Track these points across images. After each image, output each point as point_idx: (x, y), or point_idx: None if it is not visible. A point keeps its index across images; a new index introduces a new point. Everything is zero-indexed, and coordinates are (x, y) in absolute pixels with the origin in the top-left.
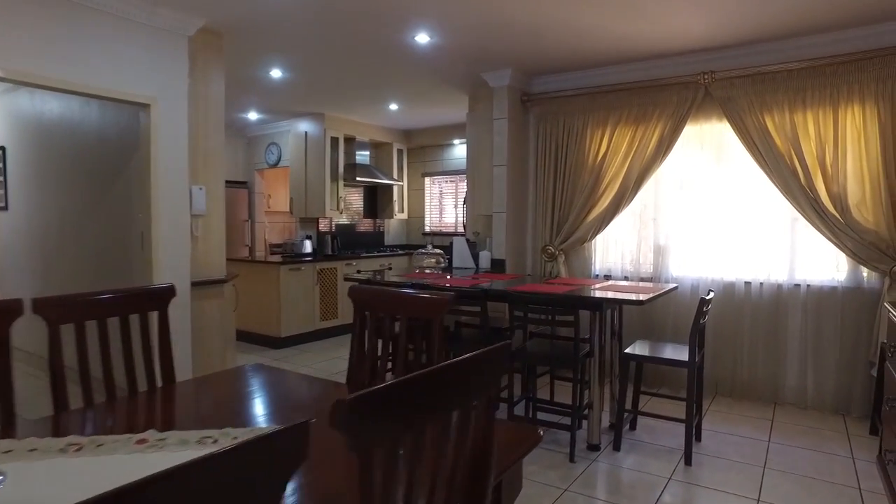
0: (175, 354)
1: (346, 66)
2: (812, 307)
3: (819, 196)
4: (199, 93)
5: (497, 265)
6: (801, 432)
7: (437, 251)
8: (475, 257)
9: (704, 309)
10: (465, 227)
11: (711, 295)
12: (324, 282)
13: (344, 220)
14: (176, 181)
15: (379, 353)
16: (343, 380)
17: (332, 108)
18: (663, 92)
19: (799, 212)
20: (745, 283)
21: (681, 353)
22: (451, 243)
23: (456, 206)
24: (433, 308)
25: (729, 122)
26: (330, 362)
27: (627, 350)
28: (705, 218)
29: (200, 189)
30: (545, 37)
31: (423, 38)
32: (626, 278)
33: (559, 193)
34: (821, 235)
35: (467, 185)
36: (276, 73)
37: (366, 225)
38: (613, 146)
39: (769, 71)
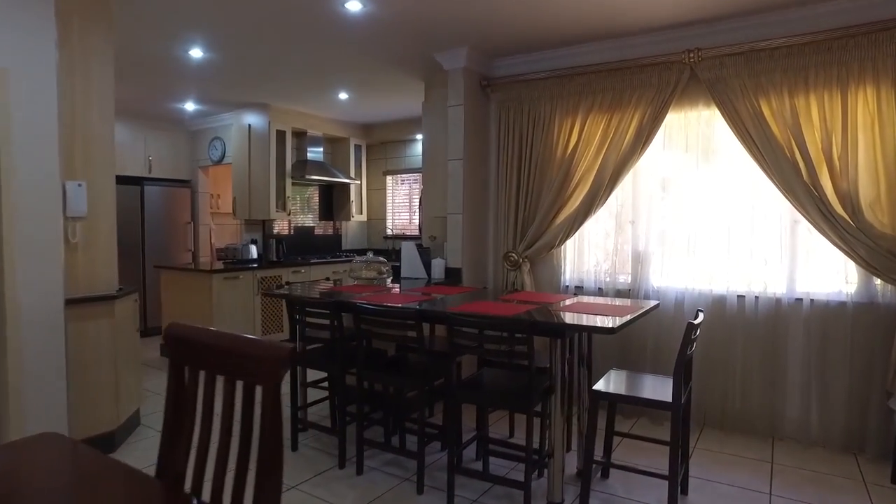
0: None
1: (277, 46)
2: (816, 325)
3: (825, 194)
4: (77, 68)
5: (452, 275)
6: (809, 479)
7: (379, 259)
8: (427, 266)
9: (693, 336)
10: (420, 230)
11: (700, 318)
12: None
13: (305, 222)
14: (41, 175)
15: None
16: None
17: (277, 97)
18: (642, 74)
19: (801, 213)
20: (738, 296)
21: (663, 389)
22: (401, 249)
23: (419, 208)
24: (263, 368)
25: (718, 108)
26: None
27: (598, 385)
28: (691, 220)
29: (79, 186)
30: (502, 7)
31: (354, 6)
32: (600, 290)
33: (524, 191)
34: (827, 241)
35: (423, 183)
36: (196, 53)
37: (324, 228)
38: (585, 136)
39: (765, 47)
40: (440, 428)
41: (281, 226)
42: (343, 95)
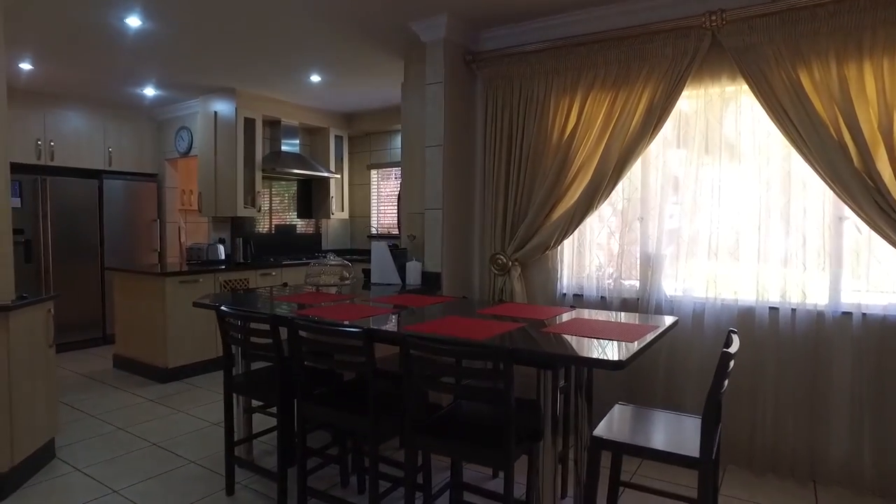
0: None
1: (226, 15)
2: (869, 345)
3: (882, 183)
4: None
5: (430, 281)
6: None
7: (340, 262)
8: (402, 270)
9: (728, 370)
10: (399, 227)
11: (736, 344)
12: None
13: (286, 219)
14: None
15: None
16: None
17: (244, 81)
18: (653, 42)
19: (850, 207)
20: (770, 308)
21: (685, 433)
22: (371, 248)
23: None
24: None
25: (747, 82)
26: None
27: (601, 429)
28: (712, 216)
29: None
30: None
31: None
32: (603, 299)
33: (514, 183)
34: (883, 241)
35: (402, 175)
36: (133, 22)
37: (307, 227)
38: (586, 119)
39: (806, 4)
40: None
41: (262, 224)
42: (315, 78)
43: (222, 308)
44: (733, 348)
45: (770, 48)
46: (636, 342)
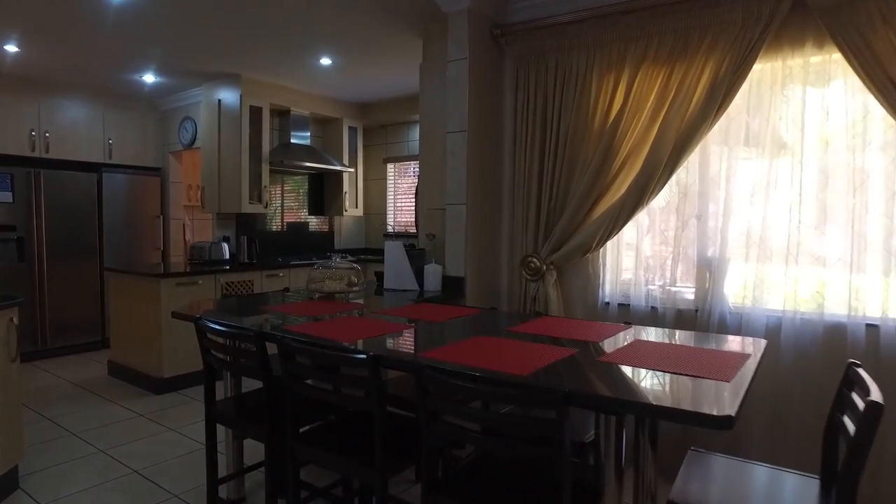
0: None
1: None
2: None
3: None
4: None
5: (452, 287)
6: None
7: (349, 265)
8: (419, 273)
9: (876, 426)
10: (416, 226)
11: (876, 394)
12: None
13: (299, 216)
14: None
15: None
16: None
17: (249, 66)
18: (719, 6)
19: None
20: (868, 325)
21: (791, 496)
22: (385, 248)
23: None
24: None
25: (840, 49)
26: None
27: (677, 492)
28: (788, 212)
29: None
30: None
31: None
32: (653, 310)
33: (549, 175)
34: None
35: (420, 167)
36: None
37: (320, 224)
38: (635, 98)
39: None
40: None
41: (274, 221)
42: (326, 61)
43: (200, 321)
44: (874, 395)
45: (873, 5)
46: (733, 381)
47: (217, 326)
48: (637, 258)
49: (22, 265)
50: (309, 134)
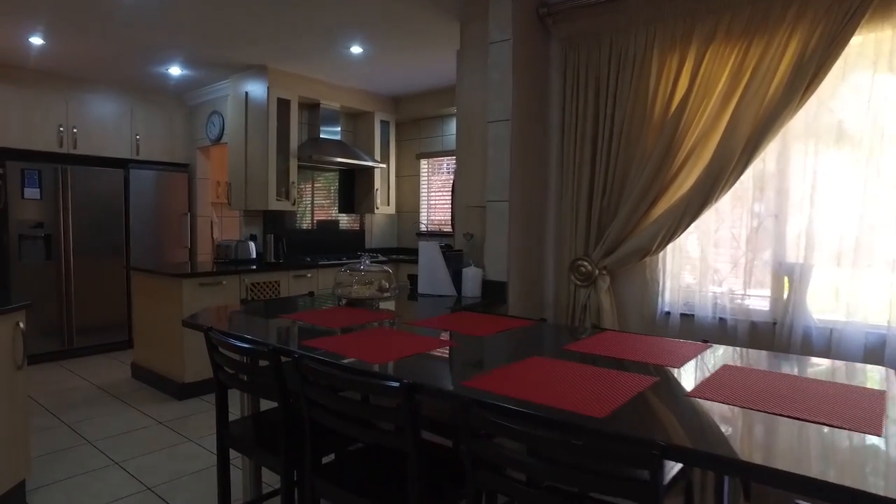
0: None
1: None
2: None
3: None
4: None
5: (493, 292)
6: None
7: (379, 268)
8: (457, 277)
9: None
10: (452, 225)
11: None
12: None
13: (329, 214)
14: None
15: None
16: None
17: (276, 56)
18: None
19: None
20: None
21: None
22: (419, 249)
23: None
24: None
25: None
26: None
27: None
28: (888, 212)
29: None
30: None
31: None
32: (722, 321)
33: (602, 169)
34: None
35: (457, 161)
36: None
37: (350, 222)
38: (703, 81)
39: None
40: None
41: (304, 219)
42: (357, 49)
43: (210, 332)
44: None
45: None
46: (885, 431)
47: (229, 339)
48: (702, 262)
49: (49, 263)
50: (339, 129)
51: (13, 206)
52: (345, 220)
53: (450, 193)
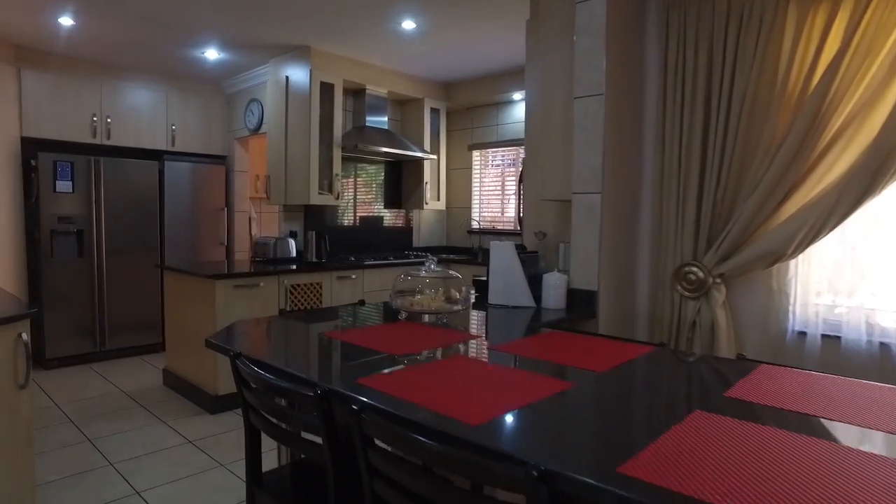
0: None
1: None
2: None
3: None
4: None
5: (579, 304)
6: None
7: (446, 272)
8: (535, 282)
9: None
10: (520, 222)
11: None
12: (299, 306)
13: (373, 210)
14: None
15: None
16: None
17: (319, 35)
18: None
19: None
20: None
21: None
22: (489, 252)
23: (517, 193)
24: None
25: None
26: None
27: None
28: None
29: None
30: None
31: None
32: (882, 348)
33: (715, 156)
34: None
35: (526, 149)
36: None
37: (395, 219)
38: (864, 40)
39: None
40: None
41: (346, 215)
42: (409, 24)
43: (239, 359)
44: None
45: None
46: None
47: (263, 375)
48: (851, 269)
49: (81, 260)
50: (387, 118)
51: (45, 200)
52: (390, 217)
53: (499, 187)
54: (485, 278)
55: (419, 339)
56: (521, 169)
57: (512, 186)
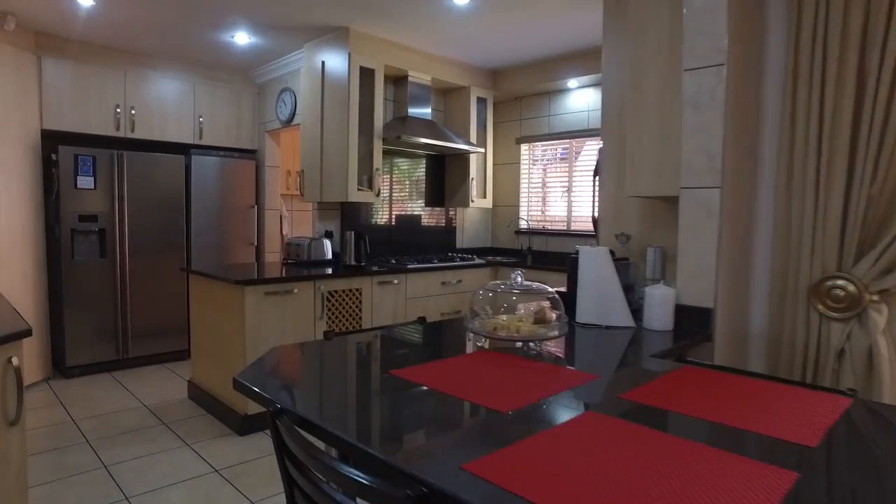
0: None
1: None
2: None
3: None
4: None
5: (688, 323)
6: None
7: (541, 288)
8: (631, 294)
9: None
10: (594, 223)
11: None
12: (337, 315)
13: (411, 208)
14: None
15: None
16: None
17: (359, 14)
18: None
19: None
20: None
21: None
22: (576, 259)
23: (569, 191)
24: None
25: None
26: None
27: None
28: None
29: None
30: None
31: None
32: None
33: (872, 140)
34: None
35: (603, 137)
36: None
37: (431, 217)
38: None
39: None
40: None
41: (380, 213)
42: (461, 0)
43: (279, 416)
44: None
45: None
46: None
47: (324, 459)
48: None
49: (104, 261)
50: (430, 108)
51: (65, 197)
52: (430, 215)
53: (592, 178)
54: (560, 290)
55: (520, 382)
56: (596, 162)
57: (564, 183)
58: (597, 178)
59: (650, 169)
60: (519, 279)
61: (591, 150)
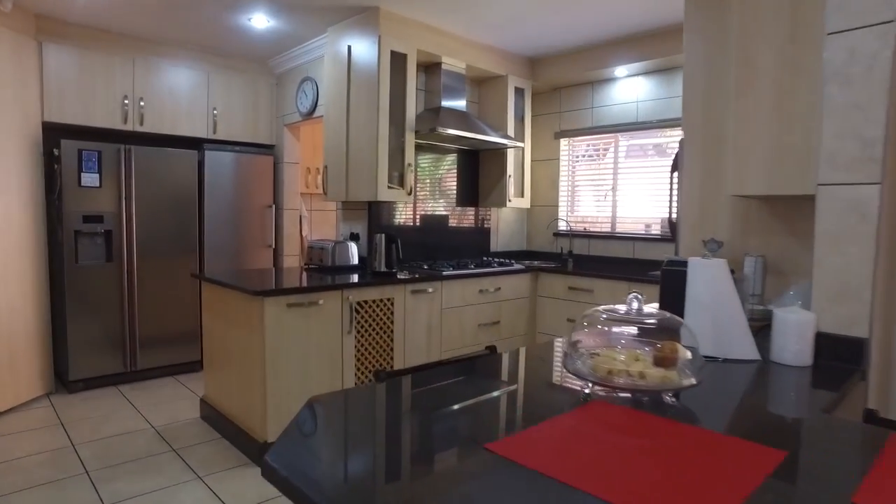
0: None
1: None
2: None
3: None
4: None
5: (831, 356)
6: None
7: (669, 316)
8: (751, 311)
9: None
10: (671, 225)
11: None
12: (367, 329)
13: (436, 208)
14: None
15: None
16: None
17: None
18: None
19: None
20: None
21: None
22: (677, 272)
23: (614, 189)
24: None
25: None
26: None
27: None
28: None
29: None
30: None
31: None
32: None
33: None
34: None
35: (685, 128)
36: None
37: (460, 218)
38: None
39: None
40: None
41: (404, 213)
42: None
43: None
44: None
45: None
46: None
47: None
48: None
49: (110, 265)
50: (465, 99)
51: (69, 196)
52: (461, 216)
53: (670, 174)
54: (653, 310)
55: (673, 464)
56: (675, 155)
57: (609, 180)
58: (674, 174)
59: (763, 162)
60: (637, 304)
61: (639, 144)
